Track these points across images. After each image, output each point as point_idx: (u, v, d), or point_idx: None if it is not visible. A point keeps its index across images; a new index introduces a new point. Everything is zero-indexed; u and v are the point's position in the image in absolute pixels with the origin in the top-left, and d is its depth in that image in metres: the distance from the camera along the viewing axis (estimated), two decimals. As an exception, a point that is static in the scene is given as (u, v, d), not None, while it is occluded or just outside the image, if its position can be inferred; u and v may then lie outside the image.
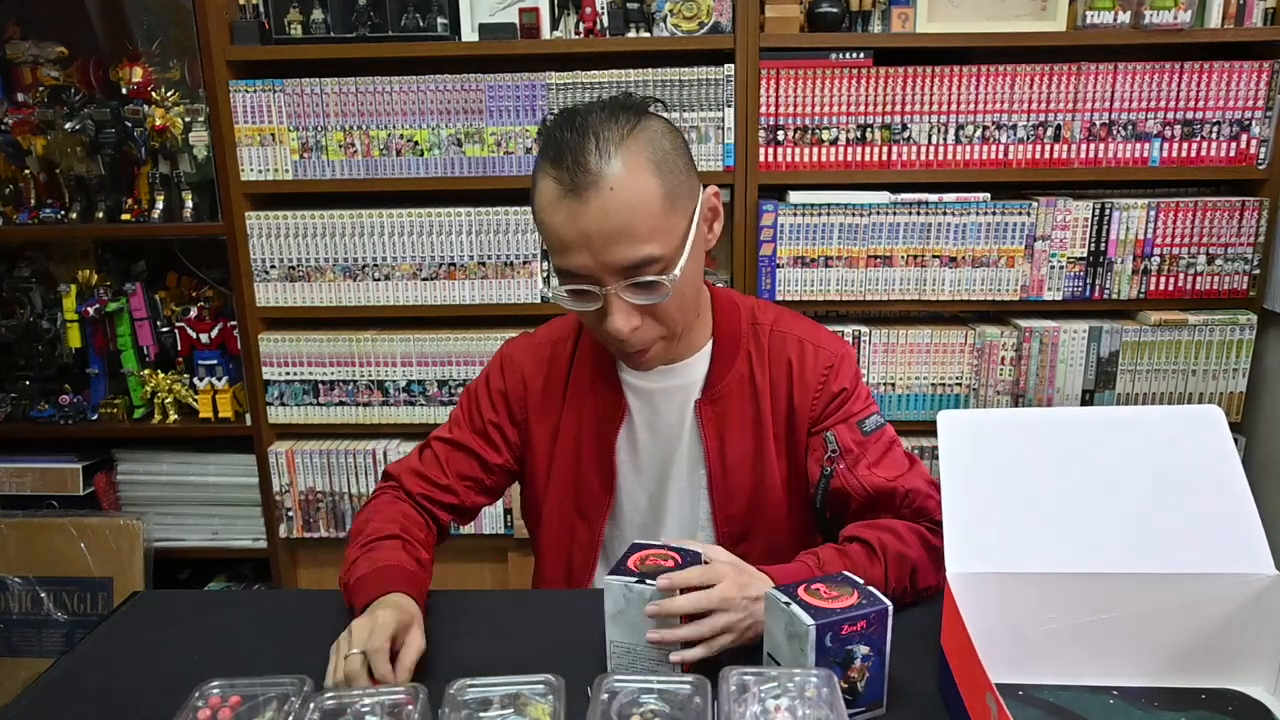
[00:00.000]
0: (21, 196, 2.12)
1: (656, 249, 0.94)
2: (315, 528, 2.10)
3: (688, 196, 0.99)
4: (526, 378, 1.16)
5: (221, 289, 2.18)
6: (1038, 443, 0.91)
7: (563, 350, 1.16)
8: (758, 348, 1.12)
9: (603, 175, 0.92)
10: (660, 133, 0.97)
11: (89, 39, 2.13)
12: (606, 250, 0.93)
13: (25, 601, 2.16)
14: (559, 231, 0.95)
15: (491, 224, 1.96)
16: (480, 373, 1.20)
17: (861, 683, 0.81)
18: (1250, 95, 1.85)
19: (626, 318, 0.97)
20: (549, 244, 0.98)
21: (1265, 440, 1.99)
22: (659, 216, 0.94)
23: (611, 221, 0.92)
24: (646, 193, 0.93)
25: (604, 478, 1.14)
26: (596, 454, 1.14)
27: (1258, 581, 0.85)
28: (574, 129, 0.94)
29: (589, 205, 0.92)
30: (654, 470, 1.15)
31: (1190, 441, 0.90)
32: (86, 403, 2.18)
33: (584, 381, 1.14)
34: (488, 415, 1.16)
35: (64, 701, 0.89)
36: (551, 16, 1.92)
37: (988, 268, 1.93)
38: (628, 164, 0.93)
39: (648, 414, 1.13)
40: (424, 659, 0.91)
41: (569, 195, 0.93)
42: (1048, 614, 0.86)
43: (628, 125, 0.95)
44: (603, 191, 0.92)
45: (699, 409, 1.11)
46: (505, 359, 1.18)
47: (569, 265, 0.96)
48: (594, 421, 1.13)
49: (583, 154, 0.92)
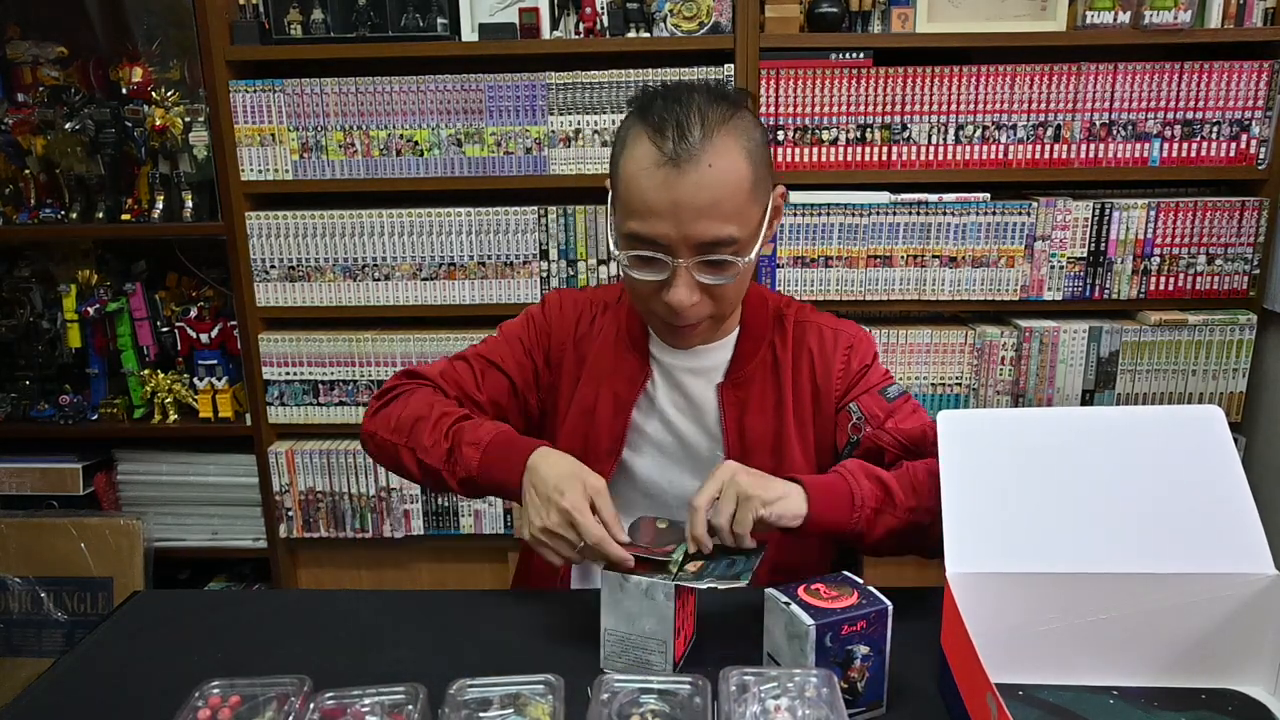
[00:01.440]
0: (21, 196, 2.11)
1: (736, 231, 0.98)
2: (315, 528, 2.10)
3: (767, 189, 1.04)
4: (566, 319, 1.19)
5: (221, 289, 2.17)
6: (1038, 443, 0.91)
7: (601, 310, 1.20)
8: (781, 336, 1.15)
9: (704, 151, 0.96)
10: (753, 124, 1.02)
11: (89, 39, 2.13)
12: (692, 223, 0.96)
13: (25, 601, 2.16)
14: (648, 197, 0.97)
15: (491, 224, 1.96)
16: (523, 312, 1.22)
17: (861, 683, 0.81)
18: (1250, 95, 1.85)
19: (690, 292, 1.00)
20: (630, 207, 0.99)
21: (1265, 440, 1.99)
22: (744, 201, 0.99)
23: (704, 196, 0.96)
24: (738, 176, 0.98)
25: (613, 439, 1.15)
26: (611, 414, 1.15)
27: (1258, 581, 0.85)
28: (679, 103, 0.98)
29: (686, 177, 0.95)
30: (672, 446, 1.16)
31: (1190, 441, 0.90)
32: (86, 403, 2.18)
33: (613, 342, 1.17)
34: (529, 346, 1.18)
35: (64, 701, 0.89)
36: (551, 16, 1.92)
37: (988, 268, 1.93)
38: (726, 146, 0.97)
39: (670, 390, 1.15)
40: (424, 659, 0.91)
41: (667, 164, 0.95)
42: (1048, 614, 0.86)
43: (728, 110, 0.99)
44: (701, 166, 0.95)
45: (721, 391, 1.13)
46: (553, 302, 1.21)
47: (649, 232, 0.98)
48: (612, 386, 1.15)
49: (688, 128, 0.96)
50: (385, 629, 1.00)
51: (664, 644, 0.88)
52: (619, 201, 1.02)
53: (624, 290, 1.21)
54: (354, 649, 0.96)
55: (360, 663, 0.93)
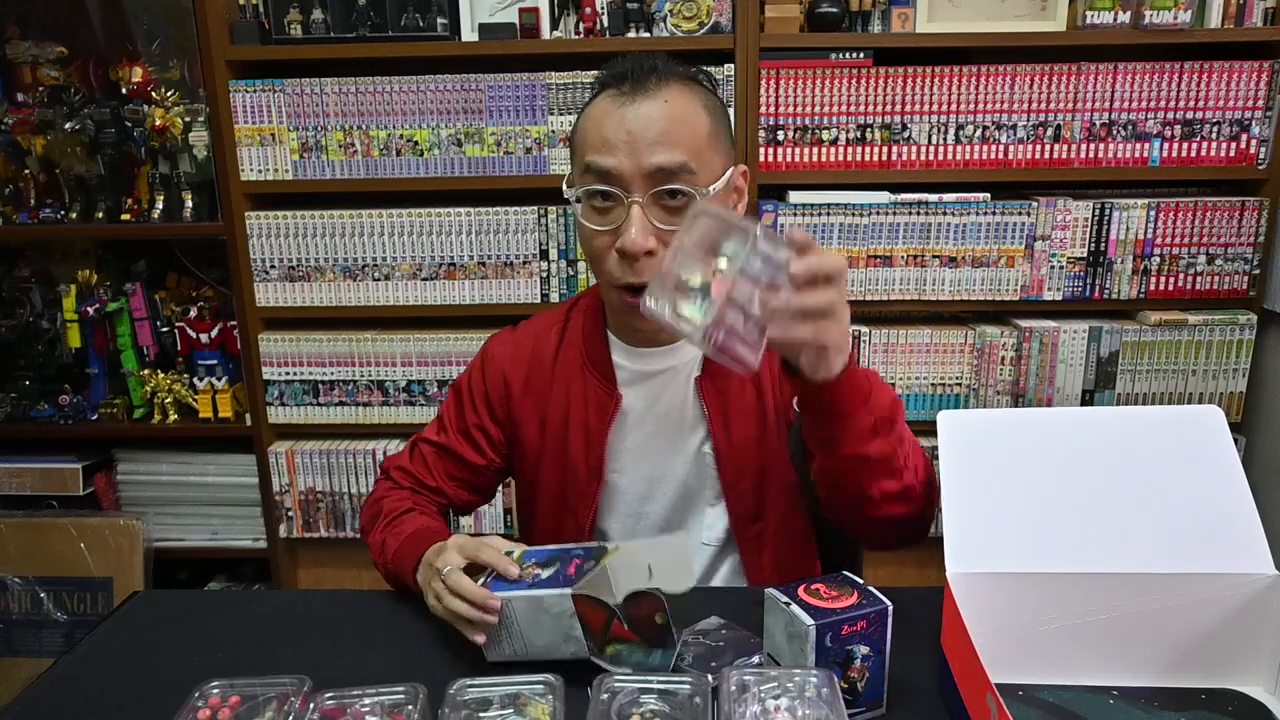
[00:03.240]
0: (21, 196, 2.11)
1: (692, 162, 0.97)
2: (315, 528, 2.10)
3: (726, 151, 1.03)
4: (507, 374, 1.15)
5: (221, 289, 2.17)
6: (1038, 443, 0.91)
7: (546, 342, 1.16)
8: None
9: (660, 90, 0.98)
10: (713, 96, 1.04)
11: (89, 39, 2.13)
12: (645, 151, 0.96)
13: (25, 601, 2.16)
14: (603, 131, 0.98)
15: (491, 224, 1.96)
16: (464, 371, 1.20)
17: (861, 683, 0.81)
18: (1250, 95, 1.85)
19: (643, 232, 0.97)
20: (586, 144, 1.00)
21: (1265, 440, 1.99)
22: (701, 140, 0.99)
23: (657, 125, 0.96)
24: (695, 117, 0.99)
25: (591, 471, 1.12)
26: (585, 446, 1.12)
27: (1258, 581, 0.84)
28: (639, 59, 1.01)
29: (640, 107, 0.97)
30: (655, 457, 1.13)
31: (1190, 441, 0.90)
32: (86, 403, 2.18)
33: (572, 368, 1.13)
34: (470, 418, 1.16)
35: (64, 701, 0.89)
36: (551, 16, 1.92)
37: (988, 268, 1.93)
38: (683, 91, 1.00)
39: (647, 398, 1.11)
40: (424, 659, 0.91)
41: (623, 98, 0.98)
42: (1048, 614, 0.86)
43: (689, 74, 1.03)
44: (656, 100, 0.97)
45: (700, 385, 1.09)
46: (486, 357, 1.18)
47: (604, 164, 0.97)
48: (582, 411, 1.12)
49: (644, 74, 0.99)
50: (385, 629, 1.00)
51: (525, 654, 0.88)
52: (576, 153, 1.03)
53: (574, 305, 1.18)
54: (354, 649, 0.96)
55: (360, 663, 0.93)
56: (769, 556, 1.12)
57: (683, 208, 0.97)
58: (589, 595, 0.85)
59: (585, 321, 1.14)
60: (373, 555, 1.11)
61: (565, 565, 0.89)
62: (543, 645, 0.87)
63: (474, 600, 0.87)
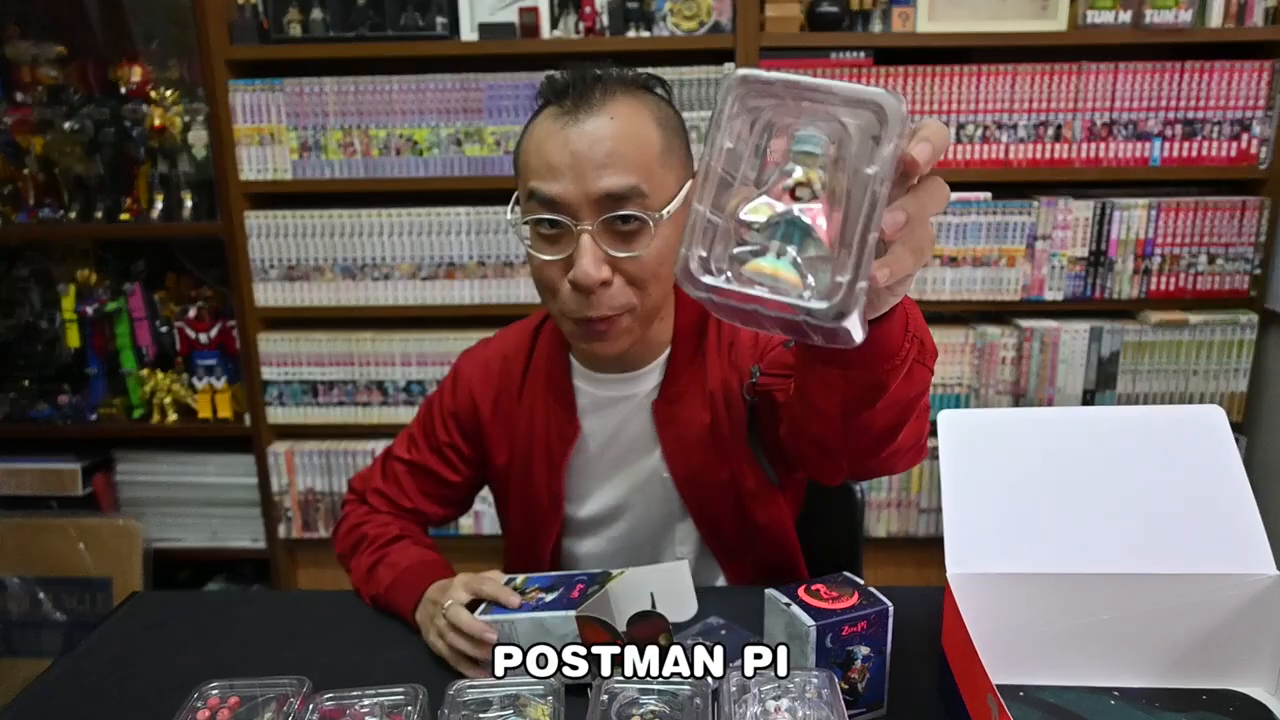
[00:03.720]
0: (20, 196, 2.11)
1: (643, 184, 0.89)
2: (314, 528, 2.10)
3: (681, 166, 0.95)
4: (476, 396, 1.12)
5: (220, 289, 2.17)
6: (1038, 443, 0.91)
7: (514, 364, 1.12)
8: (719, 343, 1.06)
9: (604, 105, 0.90)
10: (665, 105, 0.96)
11: (88, 39, 2.13)
12: (592, 175, 0.88)
13: (24, 602, 2.16)
14: (546, 154, 0.90)
15: (491, 224, 1.96)
16: (436, 388, 1.18)
17: (862, 683, 0.81)
18: (1251, 95, 1.85)
19: (596, 263, 0.89)
20: (530, 172, 0.91)
21: (1265, 440, 1.99)
22: (652, 159, 0.91)
23: (604, 146, 0.88)
24: (644, 133, 0.91)
25: (552, 500, 1.09)
26: (546, 474, 1.09)
27: (1258, 581, 0.84)
28: (581, 71, 0.93)
29: (584, 128, 0.89)
30: (616, 485, 1.09)
31: (1191, 441, 0.90)
32: (85, 403, 2.18)
33: (538, 394, 1.09)
34: (441, 436, 1.14)
35: (63, 702, 0.89)
36: (551, 16, 1.92)
37: (988, 267, 1.93)
38: (630, 105, 0.91)
39: (607, 428, 1.07)
40: (424, 659, 0.91)
41: (565, 118, 0.90)
42: (1048, 614, 0.86)
43: (636, 83, 0.95)
44: (601, 118, 0.89)
45: (654, 409, 1.05)
46: (456, 376, 1.15)
47: (548, 191, 0.89)
48: (545, 440, 1.08)
49: (588, 88, 0.91)
50: (385, 629, 1.00)
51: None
52: (521, 181, 0.94)
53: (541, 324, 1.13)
54: (354, 649, 0.96)
55: (360, 663, 0.93)
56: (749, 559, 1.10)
57: (637, 232, 0.90)
58: (592, 617, 0.85)
59: (549, 346, 1.10)
60: (355, 581, 1.09)
61: (569, 589, 0.88)
62: None
63: (471, 633, 0.87)
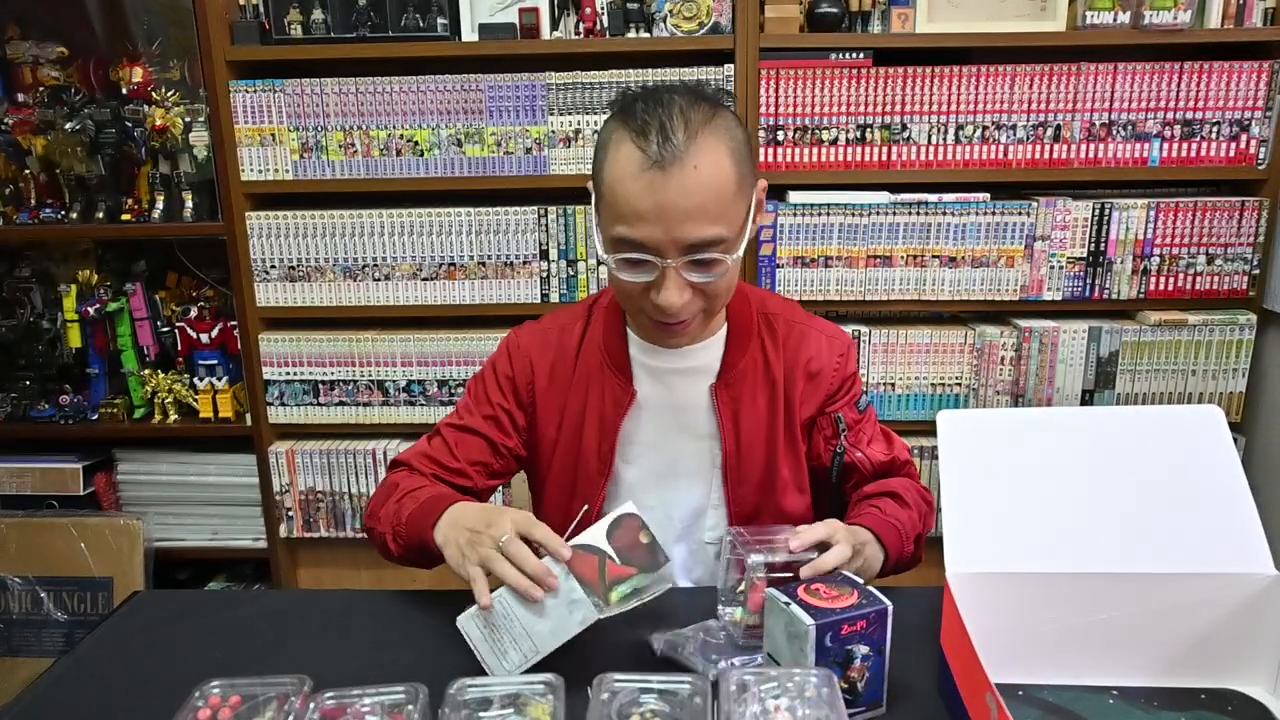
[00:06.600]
0: (21, 196, 2.11)
1: (724, 230, 0.98)
2: (315, 528, 2.10)
3: (750, 186, 1.03)
4: (534, 362, 1.18)
5: (221, 289, 2.17)
6: (1038, 443, 0.91)
7: (570, 336, 1.18)
8: (772, 337, 1.16)
9: (688, 153, 0.95)
10: (734, 123, 1.02)
11: (89, 39, 2.13)
12: (680, 226, 0.96)
13: (25, 601, 2.16)
14: (634, 202, 0.96)
15: (491, 224, 1.96)
16: (486, 360, 1.22)
17: (861, 683, 0.81)
18: (1250, 95, 1.85)
19: (680, 292, 0.99)
20: (615, 211, 0.99)
21: (1265, 440, 1.99)
22: (730, 200, 0.98)
23: (691, 199, 0.95)
24: (723, 176, 0.97)
25: (602, 459, 1.15)
26: (598, 436, 1.15)
27: (1258, 581, 0.85)
28: (661, 105, 0.97)
29: (670, 180, 0.95)
30: (665, 451, 1.16)
31: (1190, 441, 0.90)
32: (86, 403, 2.18)
33: (593, 365, 1.16)
34: (496, 399, 1.18)
35: (64, 701, 0.89)
36: (551, 16, 1.92)
37: (987, 268, 1.93)
38: (710, 146, 0.97)
39: (662, 395, 1.15)
40: (424, 659, 0.91)
41: (652, 168, 0.95)
42: (1048, 614, 0.86)
43: (710, 110, 0.99)
44: (686, 169, 0.95)
45: (715, 391, 1.13)
46: (512, 345, 1.20)
47: (636, 235, 0.97)
48: (599, 405, 1.15)
49: (671, 130, 0.95)
50: (385, 629, 1.00)
51: (535, 651, 0.87)
52: (604, 206, 1.01)
53: (595, 301, 1.21)
54: (354, 649, 0.97)
55: (360, 663, 0.94)
56: None
57: (715, 262, 0.99)
58: (577, 544, 0.88)
59: (606, 320, 1.16)
60: (380, 531, 1.08)
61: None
62: (549, 629, 0.87)
63: (535, 574, 0.87)
